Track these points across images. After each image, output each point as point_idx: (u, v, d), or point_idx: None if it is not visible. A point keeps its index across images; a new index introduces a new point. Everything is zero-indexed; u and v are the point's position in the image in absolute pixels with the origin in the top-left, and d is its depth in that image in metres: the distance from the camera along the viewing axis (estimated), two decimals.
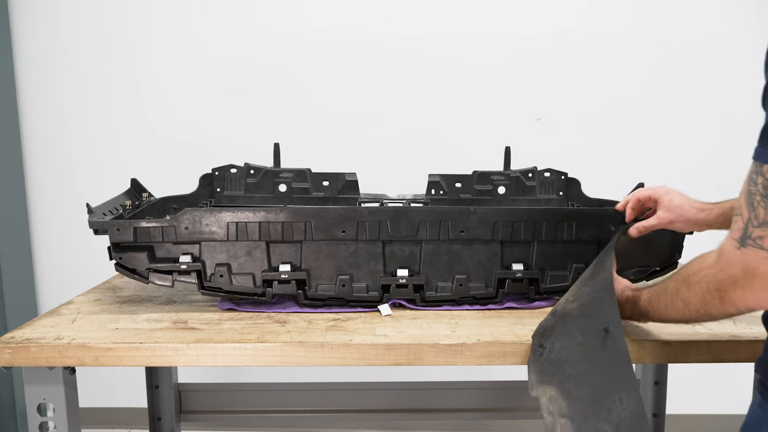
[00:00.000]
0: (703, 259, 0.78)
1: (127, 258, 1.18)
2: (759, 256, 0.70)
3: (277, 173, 1.56)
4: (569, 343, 0.92)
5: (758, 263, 0.70)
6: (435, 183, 1.58)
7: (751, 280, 0.71)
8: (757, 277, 0.71)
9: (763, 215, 0.69)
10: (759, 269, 0.70)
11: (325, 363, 1.03)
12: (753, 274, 0.71)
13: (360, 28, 2.26)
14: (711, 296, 0.77)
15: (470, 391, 1.91)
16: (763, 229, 0.70)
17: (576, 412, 0.82)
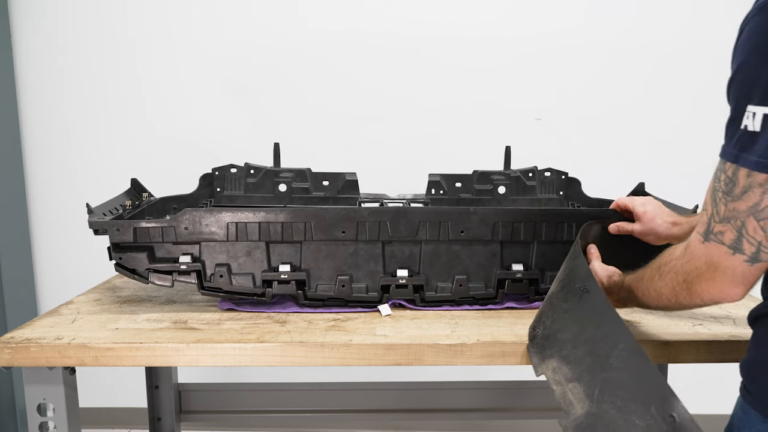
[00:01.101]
0: (673, 251, 0.80)
1: (127, 258, 1.18)
2: (720, 251, 0.72)
3: (277, 173, 1.56)
4: (557, 315, 0.94)
5: (720, 258, 0.72)
6: (435, 183, 1.58)
7: (714, 273, 0.73)
8: (719, 270, 0.72)
9: (723, 211, 0.71)
10: (720, 263, 0.72)
11: (325, 363, 1.03)
12: (715, 267, 0.73)
13: (360, 28, 2.26)
14: (680, 287, 0.79)
15: (470, 391, 1.91)
16: (723, 224, 0.71)
17: (580, 372, 0.83)
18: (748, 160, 0.67)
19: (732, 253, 0.71)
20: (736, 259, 0.71)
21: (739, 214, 0.69)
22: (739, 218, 0.69)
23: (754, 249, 0.69)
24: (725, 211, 0.70)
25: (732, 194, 0.70)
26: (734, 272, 0.71)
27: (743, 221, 0.69)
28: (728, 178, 0.70)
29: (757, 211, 0.68)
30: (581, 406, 0.80)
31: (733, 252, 0.71)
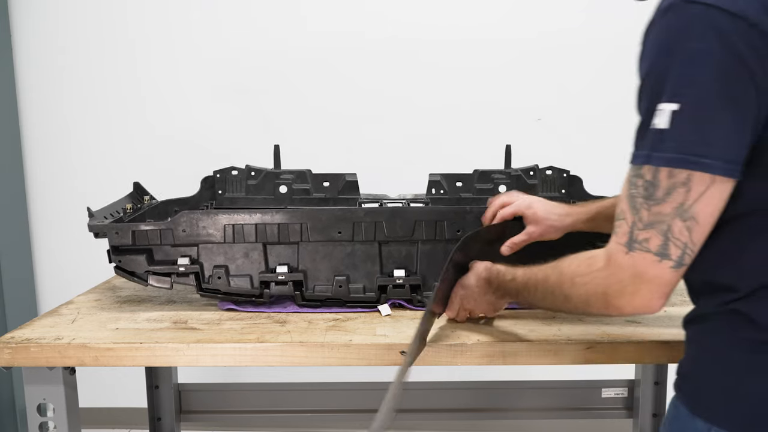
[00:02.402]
0: (593, 262, 0.77)
1: (126, 261, 1.18)
2: (646, 260, 0.70)
3: (278, 174, 1.56)
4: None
5: (646, 267, 0.70)
6: (435, 182, 1.57)
7: (640, 285, 0.71)
8: (645, 281, 0.71)
9: (647, 217, 0.69)
10: (647, 273, 0.70)
11: (325, 363, 1.03)
12: (641, 279, 0.71)
13: (361, 29, 2.26)
14: (596, 299, 0.77)
15: (470, 391, 1.91)
16: (647, 230, 0.69)
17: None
18: (662, 159, 0.67)
19: (659, 260, 0.69)
20: (663, 267, 0.69)
21: (665, 217, 0.68)
22: (666, 221, 0.68)
23: (680, 252, 0.69)
24: (649, 216, 0.69)
25: (654, 197, 0.68)
26: (660, 281, 0.70)
27: (669, 224, 0.68)
28: (647, 182, 0.69)
29: (682, 212, 0.67)
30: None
31: (660, 259, 0.69)
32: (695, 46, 0.64)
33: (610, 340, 1.03)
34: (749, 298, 0.71)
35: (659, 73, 0.67)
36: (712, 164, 0.65)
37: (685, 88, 0.65)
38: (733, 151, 0.65)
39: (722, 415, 0.71)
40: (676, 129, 0.66)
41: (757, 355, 0.70)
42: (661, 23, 0.68)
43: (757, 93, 0.64)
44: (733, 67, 0.63)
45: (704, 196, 0.66)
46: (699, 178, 0.66)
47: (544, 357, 1.03)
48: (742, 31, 0.63)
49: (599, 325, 1.11)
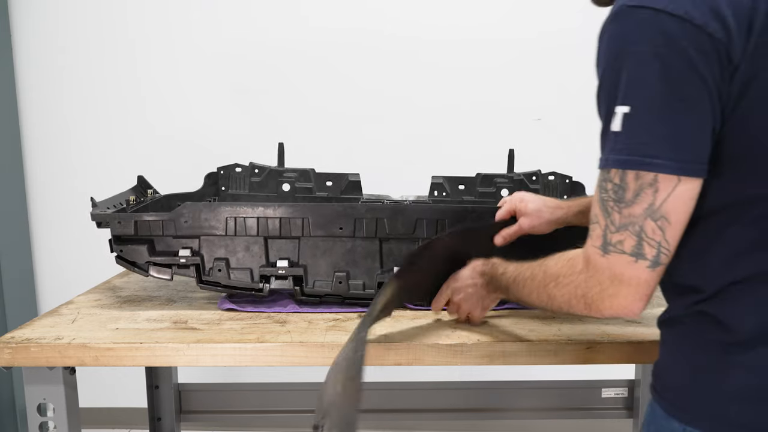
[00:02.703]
0: (574, 264, 0.78)
1: (128, 251, 1.18)
2: (622, 261, 0.71)
3: (281, 173, 1.57)
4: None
5: (623, 269, 0.71)
6: (438, 185, 1.58)
7: (618, 287, 0.72)
8: (623, 283, 0.71)
9: (618, 219, 0.70)
10: (624, 275, 0.71)
11: (325, 363, 1.03)
12: (620, 281, 0.71)
13: (362, 28, 2.26)
14: (577, 301, 0.78)
15: (470, 391, 1.91)
16: (621, 232, 0.70)
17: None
18: (617, 161, 0.68)
19: (635, 260, 0.70)
20: (639, 267, 0.70)
21: (636, 219, 0.68)
22: (637, 222, 0.69)
23: (655, 251, 0.69)
24: (620, 218, 0.70)
25: (624, 200, 0.69)
26: (638, 282, 0.71)
27: (641, 225, 0.69)
28: (616, 185, 0.69)
29: (652, 212, 0.68)
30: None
31: (636, 259, 0.70)
32: (644, 50, 0.65)
33: (610, 340, 1.03)
34: (714, 300, 0.72)
35: (612, 78, 0.68)
36: (665, 164, 0.66)
37: (636, 90, 0.66)
38: (690, 150, 0.66)
39: (694, 416, 0.73)
40: (627, 131, 0.67)
41: (724, 356, 0.71)
42: (611, 29, 0.69)
43: (710, 95, 0.65)
44: (682, 69, 0.64)
45: (672, 196, 0.67)
46: (665, 178, 0.67)
47: (544, 357, 1.03)
48: (691, 35, 0.63)
49: (599, 325, 1.11)
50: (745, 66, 0.65)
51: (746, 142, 0.68)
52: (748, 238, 0.70)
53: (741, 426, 0.70)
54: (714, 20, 0.63)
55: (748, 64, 0.64)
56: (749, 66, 0.65)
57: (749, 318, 0.70)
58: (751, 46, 0.64)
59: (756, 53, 0.64)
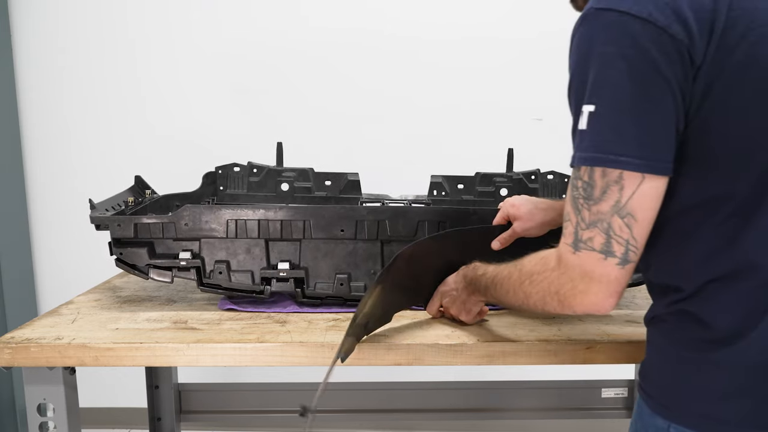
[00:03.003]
0: (547, 261, 0.79)
1: (128, 254, 1.18)
2: (592, 258, 0.71)
3: (280, 172, 1.56)
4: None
5: (593, 266, 0.72)
6: (437, 184, 1.58)
7: (589, 284, 0.72)
8: (594, 280, 0.72)
9: (588, 216, 0.71)
10: (594, 272, 0.72)
11: (325, 363, 1.03)
12: (590, 278, 0.72)
13: (361, 27, 2.26)
14: (551, 298, 0.79)
15: (470, 391, 1.91)
16: (591, 230, 0.71)
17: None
18: (582, 158, 0.70)
19: (604, 257, 0.71)
20: (608, 264, 0.71)
21: (604, 216, 0.70)
22: (605, 219, 0.70)
23: (624, 249, 0.70)
24: (590, 215, 0.71)
25: (593, 197, 0.70)
26: (609, 279, 0.71)
27: (609, 222, 0.70)
28: (585, 183, 0.71)
29: (619, 209, 0.69)
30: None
31: (605, 256, 0.71)
32: (609, 50, 0.67)
33: (610, 340, 1.03)
34: (694, 298, 0.73)
35: (580, 78, 0.71)
36: (629, 162, 0.67)
37: (601, 89, 0.68)
38: (655, 148, 0.67)
39: (678, 413, 0.74)
40: (594, 129, 0.69)
41: (706, 354, 0.72)
42: (581, 31, 0.71)
43: (673, 94, 0.67)
44: (646, 68, 0.66)
45: (637, 193, 0.68)
46: (630, 176, 0.68)
47: (544, 357, 1.03)
48: (654, 36, 0.65)
49: (599, 325, 1.11)
50: (707, 67, 0.66)
51: (711, 142, 0.69)
52: (721, 235, 0.71)
53: (724, 422, 0.71)
54: (676, 22, 0.65)
55: (710, 65, 0.66)
56: (711, 67, 0.66)
57: (727, 315, 0.71)
58: (712, 48, 0.66)
59: (717, 55, 0.66)
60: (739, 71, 0.66)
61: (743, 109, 0.67)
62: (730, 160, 0.69)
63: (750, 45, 0.66)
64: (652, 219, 0.70)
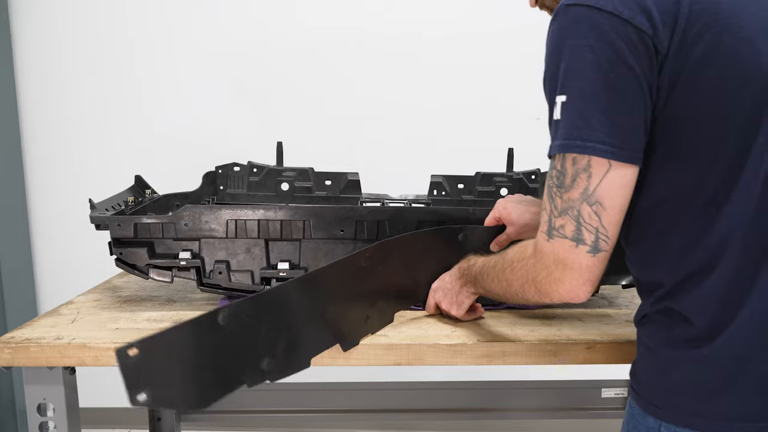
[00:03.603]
0: (525, 249, 0.81)
1: (128, 254, 1.18)
2: (564, 245, 0.73)
3: (280, 172, 1.56)
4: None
5: (566, 253, 0.73)
6: (437, 183, 1.57)
7: (563, 272, 0.74)
8: (567, 268, 0.73)
9: (560, 204, 0.73)
10: (567, 259, 0.73)
11: (325, 363, 1.03)
12: (563, 265, 0.74)
13: (360, 27, 2.26)
14: (528, 285, 0.80)
15: (470, 391, 1.91)
16: (562, 217, 0.73)
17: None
18: (556, 146, 0.72)
19: (575, 245, 0.72)
20: (580, 252, 0.72)
21: (574, 203, 0.71)
22: (575, 207, 0.71)
23: (594, 237, 0.71)
24: (561, 203, 0.72)
25: (564, 185, 0.72)
26: (581, 267, 0.73)
27: (579, 209, 0.71)
28: (558, 171, 0.73)
29: (587, 196, 0.70)
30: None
31: (576, 244, 0.72)
32: (578, 43, 0.69)
33: (610, 340, 1.03)
34: (676, 293, 0.74)
35: (552, 70, 0.72)
36: (596, 147, 0.69)
37: (571, 80, 0.70)
38: (621, 137, 0.69)
39: (668, 411, 0.75)
40: (566, 118, 0.70)
41: (691, 351, 0.73)
42: (552, 27, 0.73)
43: (639, 84, 0.68)
44: (612, 59, 0.68)
45: (605, 180, 0.70)
46: (597, 163, 0.69)
47: (544, 357, 1.03)
48: (618, 28, 0.67)
49: (599, 325, 1.11)
50: (673, 59, 0.68)
51: (679, 133, 0.70)
52: (695, 227, 0.72)
53: (715, 418, 0.72)
54: (640, 14, 0.67)
55: (675, 56, 0.68)
56: (676, 59, 0.68)
57: (706, 309, 0.72)
58: (676, 40, 0.68)
59: (681, 47, 0.68)
60: (703, 62, 0.68)
61: (708, 100, 0.68)
62: (698, 151, 0.70)
63: (713, 36, 0.67)
64: (620, 208, 0.71)
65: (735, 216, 0.70)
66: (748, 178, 0.69)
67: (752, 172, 0.69)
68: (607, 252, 0.72)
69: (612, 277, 1.25)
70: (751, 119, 0.68)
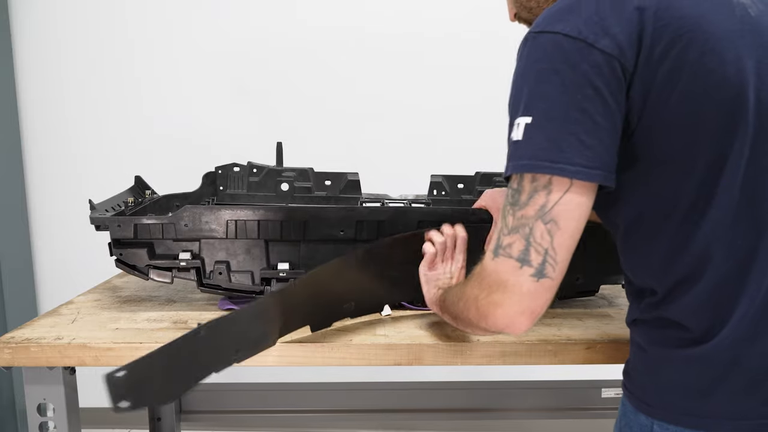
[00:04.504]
0: (475, 269, 0.79)
1: (128, 254, 1.18)
2: (508, 266, 0.71)
3: (280, 172, 1.56)
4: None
5: (508, 274, 0.71)
6: (437, 183, 1.57)
7: (503, 295, 0.72)
8: (507, 291, 0.72)
9: (512, 222, 0.72)
10: (509, 281, 0.72)
11: (325, 363, 1.03)
12: (504, 287, 0.72)
13: (361, 27, 2.26)
14: (471, 303, 0.79)
15: (470, 391, 1.91)
16: (512, 235, 0.71)
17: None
18: (518, 166, 0.71)
19: (520, 266, 0.71)
20: (523, 274, 0.71)
21: (527, 221, 0.70)
22: (528, 224, 0.70)
23: (541, 259, 0.70)
24: (513, 221, 0.71)
25: (519, 203, 0.71)
26: (521, 291, 0.71)
27: (531, 227, 0.70)
28: (514, 190, 0.72)
29: (543, 214, 0.70)
30: None
31: (521, 265, 0.71)
32: (544, 67, 0.70)
33: (610, 340, 1.03)
34: (669, 302, 0.75)
35: (515, 93, 0.73)
36: (564, 168, 0.68)
37: (537, 102, 0.70)
38: (589, 157, 0.69)
39: (659, 409, 0.76)
40: (528, 139, 0.70)
41: (684, 351, 0.74)
42: (520, 53, 0.74)
43: (605, 105, 0.69)
44: (578, 82, 0.68)
45: (564, 198, 0.69)
46: (559, 181, 0.69)
47: (544, 357, 1.03)
48: (584, 52, 0.68)
49: (599, 325, 1.11)
50: (641, 77, 0.69)
51: (655, 147, 0.71)
52: (679, 236, 0.73)
53: (706, 416, 0.72)
54: (604, 38, 0.68)
55: (643, 75, 0.69)
56: (645, 77, 0.69)
57: (699, 315, 0.73)
58: (643, 58, 0.69)
59: (649, 64, 0.69)
60: (670, 77, 0.69)
61: (679, 113, 0.69)
62: (675, 161, 0.71)
63: (679, 51, 0.68)
64: (574, 231, 0.71)
65: (717, 222, 0.70)
66: (726, 184, 0.70)
67: (730, 179, 0.69)
68: (552, 282, 0.71)
69: (612, 277, 1.25)
70: (724, 128, 0.69)
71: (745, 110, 0.68)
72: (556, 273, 0.71)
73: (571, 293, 1.24)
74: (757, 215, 0.70)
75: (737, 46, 0.69)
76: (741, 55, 0.69)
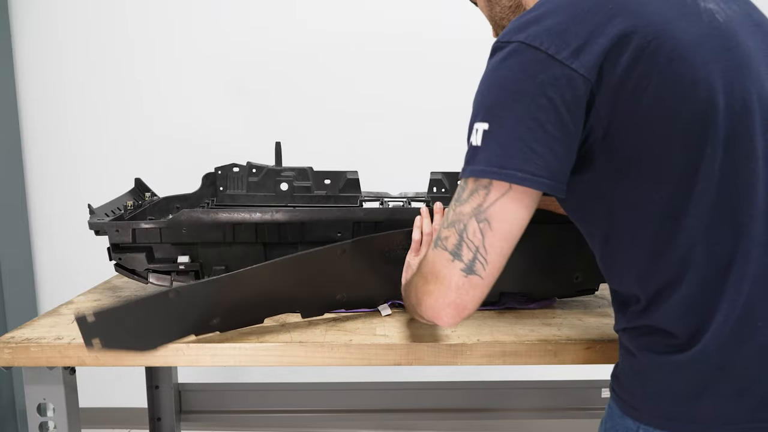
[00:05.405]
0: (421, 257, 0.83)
1: (127, 259, 1.18)
2: (442, 257, 0.74)
3: (279, 172, 1.56)
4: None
5: (441, 265, 0.74)
6: (437, 181, 1.57)
7: (434, 285, 0.75)
8: (438, 281, 0.74)
9: (451, 216, 0.74)
10: (441, 272, 0.74)
11: (325, 363, 1.03)
12: (435, 277, 0.75)
13: (361, 27, 2.26)
14: (413, 287, 0.82)
15: (470, 391, 1.91)
16: (449, 229, 0.74)
17: None
18: (474, 171, 0.72)
19: (452, 259, 0.73)
20: (454, 267, 0.73)
21: (463, 217, 0.73)
22: (463, 221, 0.73)
23: (472, 255, 0.72)
24: (453, 215, 0.74)
25: (460, 199, 0.74)
26: (450, 284, 0.73)
27: (466, 223, 0.72)
28: (460, 188, 0.75)
29: (479, 212, 0.72)
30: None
31: (453, 258, 0.73)
32: (504, 75, 0.72)
33: (610, 340, 1.03)
34: (654, 308, 0.75)
35: (477, 101, 0.74)
36: (510, 174, 0.70)
37: (494, 109, 0.72)
38: (538, 165, 0.70)
39: (646, 413, 0.76)
40: (485, 145, 0.72)
41: (671, 357, 0.74)
42: (487, 64, 0.75)
43: (560, 115, 0.69)
44: (533, 92, 0.69)
45: (500, 201, 0.71)
46: (498, 184, 0.71)
47: (544, 357, 1.03)
48: (544, 63, 0.69)
49: (599, 324, 1.11)
50: (607, 85, 0.69)
51: (627, 154, 0.71)
52: (658, 241, 0.73)
53: (692, 422, 0.73)
54: (565, 49, 0.69)
55: (610, 83, 0.69)
56: (611, 84, 0.69)
57: (683, 320, 0.73)
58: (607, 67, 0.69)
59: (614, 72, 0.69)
60: (640, 84, 0.69)
61: (649, 120, 0.69)
62: (648, 167, 0.71)
63: (648, 57, 0.68)
64: (506, 234, 0.72)
65: (694, 227, 0.70)
66: (702, 189, 0.70)
67: (705, 183, 0.69)
68: (482, 281, 0.73)
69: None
70: (696, 133, 0.69)
71: (716, 115, 0.68)
72: (486, 273, 0.73)
73: (571, 292, 1.24)
74: (734, 220, 0.70)
75: (705, 51, 0.69)
76: (708, 59, 0.69)
